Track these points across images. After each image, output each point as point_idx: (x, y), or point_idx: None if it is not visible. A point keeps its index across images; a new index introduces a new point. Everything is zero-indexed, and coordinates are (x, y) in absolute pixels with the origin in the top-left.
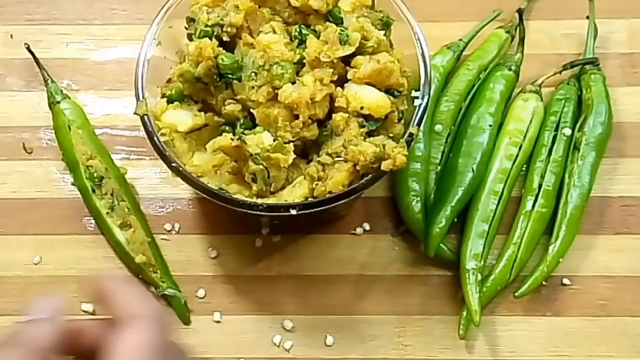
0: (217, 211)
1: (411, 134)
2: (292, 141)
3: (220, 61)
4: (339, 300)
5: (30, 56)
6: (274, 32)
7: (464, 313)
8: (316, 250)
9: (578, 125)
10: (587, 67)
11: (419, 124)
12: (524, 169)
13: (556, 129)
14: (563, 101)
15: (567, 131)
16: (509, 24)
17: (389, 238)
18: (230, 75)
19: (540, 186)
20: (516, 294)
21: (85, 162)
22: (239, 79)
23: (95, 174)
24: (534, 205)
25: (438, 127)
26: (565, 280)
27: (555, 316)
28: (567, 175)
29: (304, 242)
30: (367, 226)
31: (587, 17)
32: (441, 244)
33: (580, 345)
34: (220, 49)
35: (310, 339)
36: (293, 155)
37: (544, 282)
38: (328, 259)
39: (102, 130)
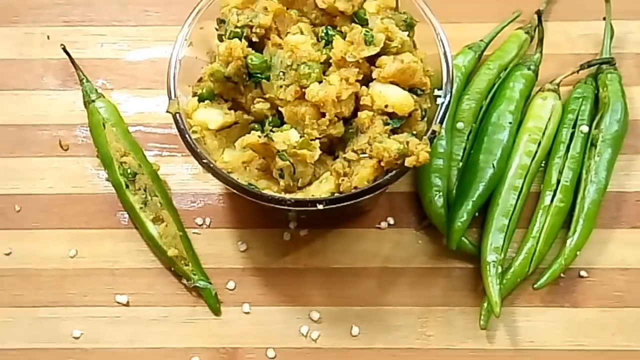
0: (247, 206)
1: (434, 132)
2: (319, 138)
3: (249, 61)
4: (364, 292)
5: (67, 56)
6: (302, 33)
7: (485, 304)
8: (342, 244)
9: (595, 122)
10: (604, 66)
11: (441, 122)
12: (542, 165)
13: (574, 127)
14: (580, 99)
15: (585, 128)
16: (528, 25)
17: (412, 232)
18: (259, 75)
19: (558, 182)
20: (535, 285)
21: (119, 159)
22: (268, 78)
23: (129, 170)
24: (552, 200)
25: (460, 125)
26: (583, 273)
27: (573, 307)
28: (584, 171)
29: (330, 236)
30: (391, 220)
31: (604, 19)
32: (463, 238)
33: (597, 335)
34: (250, 49)
35: (336, 329)
36: (319, 152)
37: (562, 275)
38: (353, 252)
39: (135, 127)
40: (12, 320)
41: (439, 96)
